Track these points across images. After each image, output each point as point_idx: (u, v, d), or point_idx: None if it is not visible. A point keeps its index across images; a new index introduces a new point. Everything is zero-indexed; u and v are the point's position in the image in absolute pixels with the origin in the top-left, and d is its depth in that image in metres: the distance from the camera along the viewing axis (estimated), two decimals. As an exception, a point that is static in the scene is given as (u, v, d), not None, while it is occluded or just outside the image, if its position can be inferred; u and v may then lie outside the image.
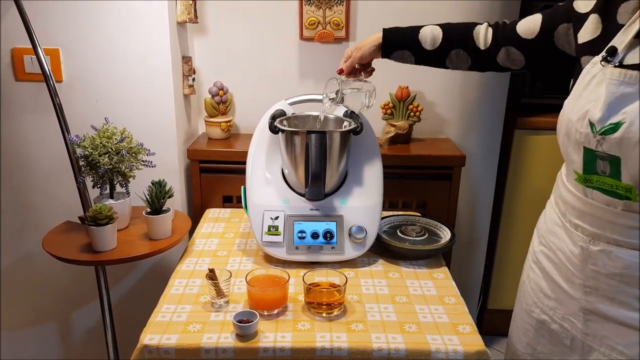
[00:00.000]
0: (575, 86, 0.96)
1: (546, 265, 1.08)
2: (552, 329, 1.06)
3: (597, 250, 0.94)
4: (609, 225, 0.91)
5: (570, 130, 0.93)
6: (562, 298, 1.03)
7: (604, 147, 0.87)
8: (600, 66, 0.90)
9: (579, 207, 0.97)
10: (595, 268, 0.94)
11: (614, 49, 0.89)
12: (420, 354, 1.03)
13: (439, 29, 1.25)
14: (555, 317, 1.05)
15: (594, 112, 0.88)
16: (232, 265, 1.35)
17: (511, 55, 1.18)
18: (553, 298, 1.05)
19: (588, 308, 0.97)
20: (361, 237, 1.33)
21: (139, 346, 1.04)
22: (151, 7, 1.56)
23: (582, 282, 0.97)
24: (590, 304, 0.97)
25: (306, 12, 1.81)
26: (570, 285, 1.00)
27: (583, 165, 0.93)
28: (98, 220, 1.31)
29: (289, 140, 1.33)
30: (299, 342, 1.04)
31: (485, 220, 2.12)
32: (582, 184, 0.95)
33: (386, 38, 1.28)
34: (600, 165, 0.90)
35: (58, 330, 1.93)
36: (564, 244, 1.01)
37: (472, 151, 1.99)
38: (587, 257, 0.95)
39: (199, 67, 1.91)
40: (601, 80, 0.89)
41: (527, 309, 1.13)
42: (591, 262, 0.95)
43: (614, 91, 0.86)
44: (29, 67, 1.60)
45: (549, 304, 1.07)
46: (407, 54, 1.28)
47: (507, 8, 1.85)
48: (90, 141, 1.39)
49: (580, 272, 0.97)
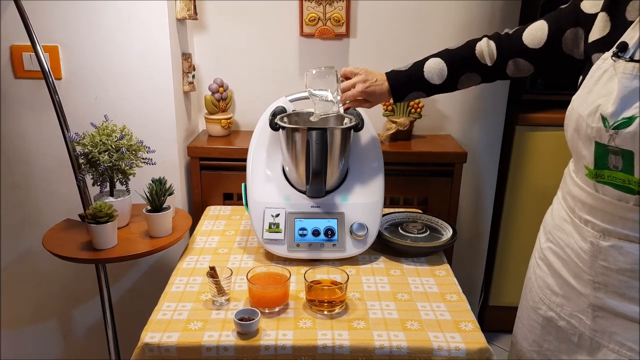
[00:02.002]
0: (585, 82, 0.95)
1: (554, 261, 1.07)
2: (560, 326, 1.05)
3: (607, 246, 0.93)
4: (620, 221, 0.91)
5: (581, 125, 0.92)
6: (570, 295, 1.02)
7: (617, 141, 0.86)
8: (611, 61, 0.89)
9: (590, 203, 0.96)
10: (606, 264, 0.94)
11: (625, 44, 0.89)
12: (422, 351, 1.02)
13: (442, 62, 1.24)
14: (562, 314, 1.04)
15: (606, 106, 0.87)
16: (233, 263, 1.35)
17: (519, 65, 1.17)
18: (560, 295, 1.05)
19: (597, 304, 0.97)
20: (362, 235, 1.32)
21: (139, 344, 1.03)
22: (151, 4, 1.56)
23: (592, 278, 0.96)
24: (599, 300, 0.96)
25: (306, 8, 1.81)
26: (578, 282, 1.00)
27: (594, 160, 0.92)
28: (98, 218, 1.31)
29: (289, 137, 1.33)
30: (301, 339, 1.04)
31: (487, 216, 2.12)
32: (593, 179, 0.94)
33: (394, 87, 1.26)
34: (612, 160, 0.89)
35: (59, 328, 1.93)
36: (572, 240, 1.01)
37: (473, 148, 1.98)
38: (597, 252, 0.95)
39: (199, 64, 1.90)
40: (612, 75, 0.88)
41: (534, 306, 1.12)
42: (601, 257, 0.94)
43: (627, 85, 0.85)
44: (28, 64, 1.59)
45: (556, 301, 1.06)
46: (418, 93, 1.28)
47: (507, 8, 1.84)
48: (90, 139, 1.38)
49: (590, 268, 0.96)
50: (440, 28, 1.86)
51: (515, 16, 1.86)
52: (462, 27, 1.85)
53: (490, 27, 1.85)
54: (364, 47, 1.88)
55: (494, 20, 1.85)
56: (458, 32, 1.84)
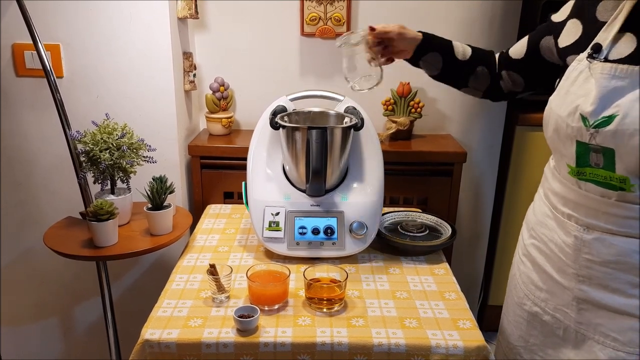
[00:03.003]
0: (561, 83, 0.98)
1: (537, 257, 1.09)
2: (544, 320, 1.07)
3: (591, 239, 0.95)
4: (603, 216, 0.93)
5: (560, 125, 0.95)
6: (554, 289, 1.04)
7: (598, 139, 0.89)
8: (587, 62, 0.92)
9: (572, 199, 0.98)
10: (589, 257, 0.96)
11: (598, 45, 0.92)
12: (420, 349, 1.03)
13: (467, 46, 1.29)
14: (547, 309, 1.07)
15: (585, 106, 0.90)
16: (233, 261, 1.35)
17: (511, 77, 1.25)
18: (544, 289, 1.07)
19: (581, 297, 0.99)
20: (362, 233, 1.33)
21: (140, 341, 1.04)
22: (152, 3, 1.56)
23: (576, 271, 0.99)
24: (583, 292, 0.98)
25: (307, 8, 1.81)
26: (562, 276, 1.02)
27: (576, 158, 0.95)
28: (99, 215, 1.31)
29: (289, 136, 1.33)
30: (300, 337, 1.04)
31: (486, 216, 2.12)
32: (575, 176, 0.97)
33: (425, 38, 1.27)
34: (593, 158, 0.91)
35: (60, 325, 1.94)
36: (555, 235, 1.03)
37: (473, 147, 1.99)
38: (581, 246, 0.97)
39: (200, 63, 1.91)
40: (588, 76, 0.91)
41: (519, 302, 1.15)
42: (585, 250, 0.96)
43: (606, 85, 0.88)
44: (29, 62, 1.60)
45: (540, 296, 1.08)
46: (439, 59, 1.28)
47: (507, 8, 1.85)
48: (91, 137, 1.39)
49: (574, 261, 0.99)
50: (441, 28, 1.84)
51: (516, 16, 1.86)
52: (463, 26, 1.85)
53: (490, 27, 1.85)
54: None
55: (494, 20, 1.85)
56: (458, 32, 1.85)
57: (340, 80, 1.74)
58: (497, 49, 1.31)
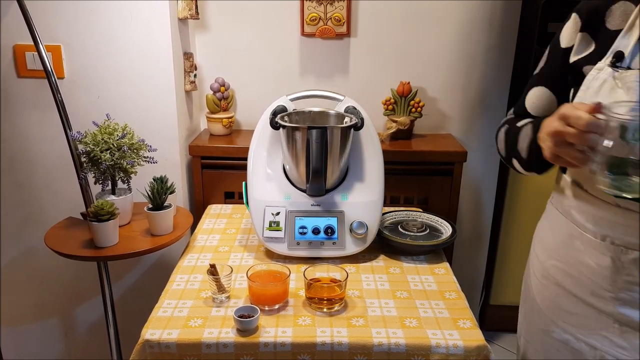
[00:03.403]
0: (581, 94, 0.93)
1: (563, 280, 1.02)
2: (576, 348, 1.00)
3: (630, 259, 0.90)
4: None
5: None
6: (587, 312, 0.98)
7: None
8: (610, 71, 0.88)
9: (608, 218, 0.92)
10: (631, 278, 0.90)
11: (621, 53, 0.88)
12: (420, 348, 1.03)
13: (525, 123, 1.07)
14: (579, 335, 0.99)
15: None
16: (234, 261, 1.35)
17: None
18: (576, 314, 1.00)
19: (623, 321, 0.93)
20: (362, 233, 1.33)
21: (140, 341, 1.04)
22: (152, 4, 1.57)
23: (614, 295, 0.93)
24: (625, 316, 0.93)
25: (307, 8, 1.81)
26: (598, 300, 0.95)
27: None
28: (100, 216, 1.32)
29: (290, 136, 1.33)
30: (300, 337, 1.04)
31: (487, 215, 2.12)
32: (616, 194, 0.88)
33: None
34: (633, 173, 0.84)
35: (60, 325, 1.94)
36: (586, 257, 0.96)
37: (473, 147, 1.99)
38: (619, 268, 0.91)
39: (201, 64, 1.91)
40: (614, 86, 0.86)
41: (545, 329, 1.07)
42: (625, 272, 0.91)
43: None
44: (30, 63, 1.60)
45: (571, 321, 1.01)
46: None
47: (507, 8, 1.85)
48: (92, 137, 1.39)
49: (612, 284, 0.93)
50: (441, 28, 1.86)
51: (516, 16, 1.86)
52: (463, 26, 1.85)
53: (490, 27, 1.85)
54: (365, 46, 1.88)
55: (494, 20, 1.85)
56: (458, 32, 1.85)
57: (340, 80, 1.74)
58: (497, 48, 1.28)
